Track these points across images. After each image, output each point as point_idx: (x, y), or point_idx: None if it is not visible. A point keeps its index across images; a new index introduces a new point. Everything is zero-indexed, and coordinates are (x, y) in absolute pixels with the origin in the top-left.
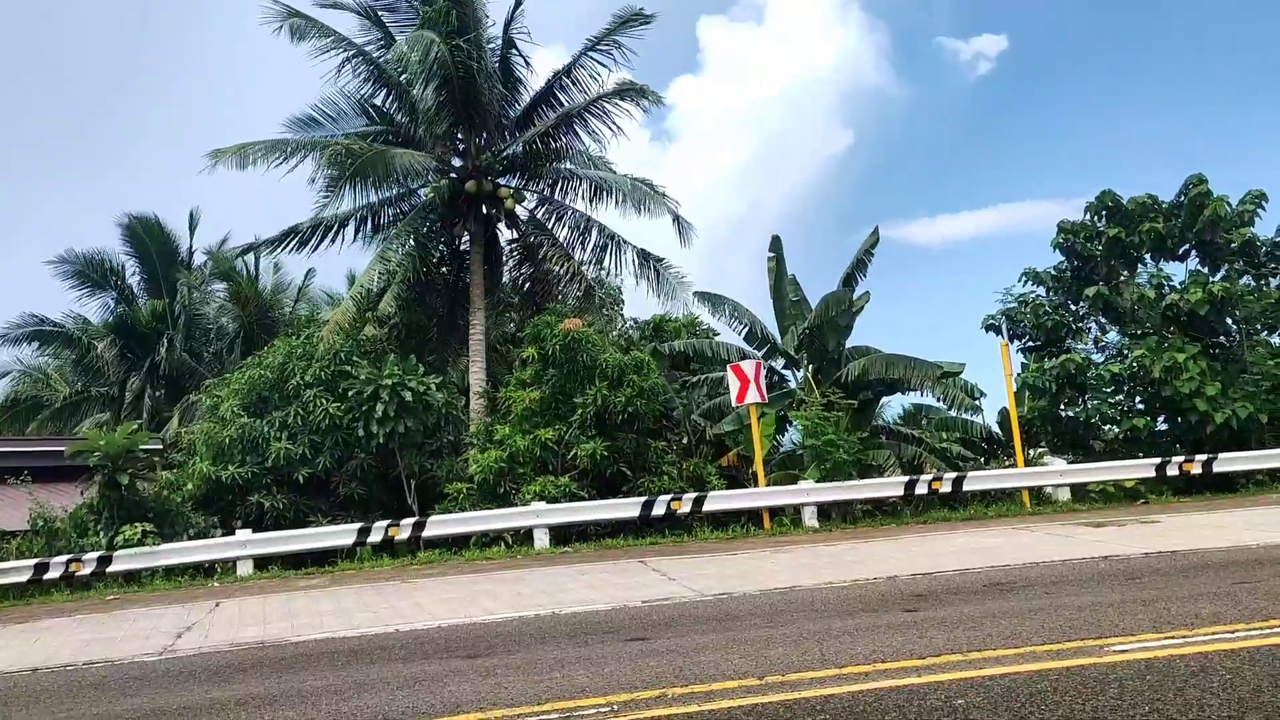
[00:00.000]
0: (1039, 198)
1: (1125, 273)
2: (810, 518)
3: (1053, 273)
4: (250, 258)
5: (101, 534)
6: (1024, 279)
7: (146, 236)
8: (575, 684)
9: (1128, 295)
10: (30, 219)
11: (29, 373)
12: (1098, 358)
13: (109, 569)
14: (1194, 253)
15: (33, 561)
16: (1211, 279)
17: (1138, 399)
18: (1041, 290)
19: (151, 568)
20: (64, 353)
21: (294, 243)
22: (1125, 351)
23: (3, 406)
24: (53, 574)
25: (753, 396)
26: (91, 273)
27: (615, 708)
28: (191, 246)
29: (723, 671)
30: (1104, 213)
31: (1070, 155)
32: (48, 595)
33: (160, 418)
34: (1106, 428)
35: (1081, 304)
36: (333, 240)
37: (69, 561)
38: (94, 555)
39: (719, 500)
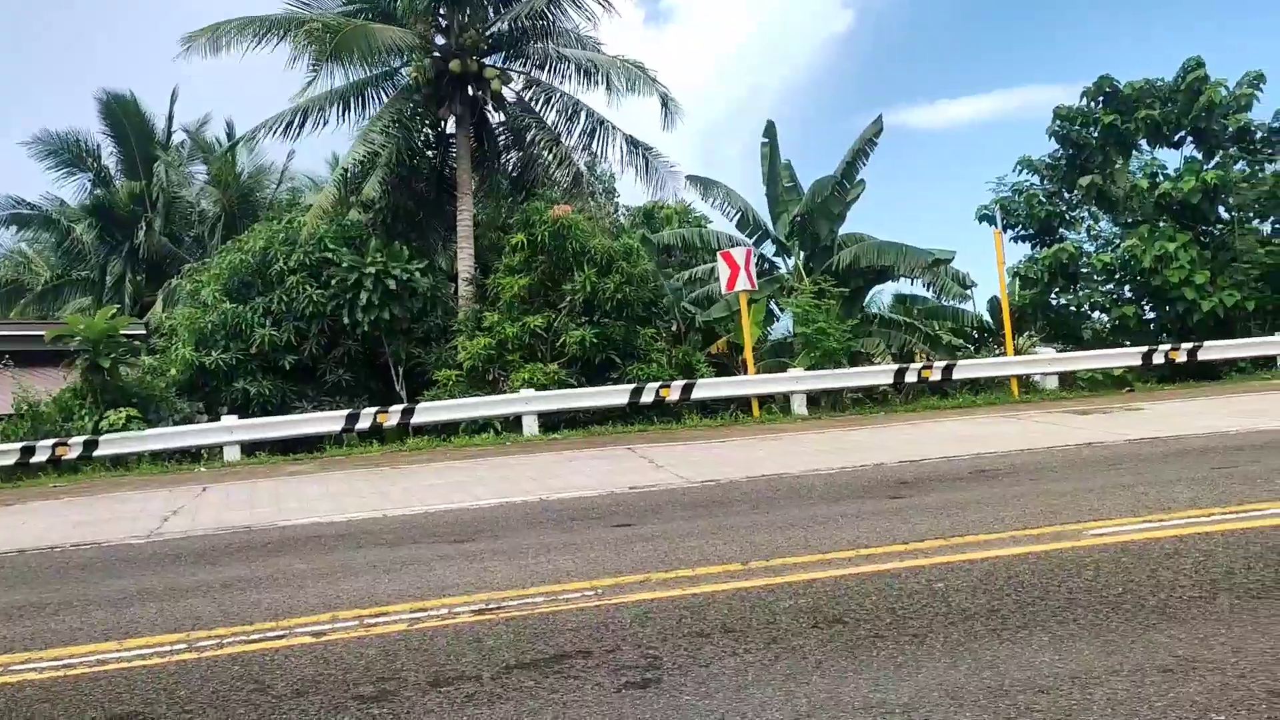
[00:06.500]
0: (1042, 82)
1: (1120, 161)
2: (799, 406)
3: (1048, 161)
4: (227, 141)
5: (87, 418)
6: (1019, 168)
7: (124, 116)
8: (560, 568)
9: (1121, 184)
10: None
11: (9, 256)
12: (1089, 247)
13: (95, 453)
14: (1189, 139)
15: (19, 445)
16: (1205, 166)
17: (1128, 288)
18: (1036, 179)
19: (138, 452)
20: (43, 236)
21: (279, 129)
22: (1117, 241)
23: None
24: (39, 457)
25: (743, 283)
26: (67, 153)
27: (600, 591)
28: (170, 126)
29: (707, 557)
30: (1101, 98)
31: (1076, 36)
32: (35, 478)
33: (142, 302)
34: (1096, 316)
35: (1076, 193)
36: (316, 125)
37: (55, 445)
38: (80, 439)
39: (708, 388)
